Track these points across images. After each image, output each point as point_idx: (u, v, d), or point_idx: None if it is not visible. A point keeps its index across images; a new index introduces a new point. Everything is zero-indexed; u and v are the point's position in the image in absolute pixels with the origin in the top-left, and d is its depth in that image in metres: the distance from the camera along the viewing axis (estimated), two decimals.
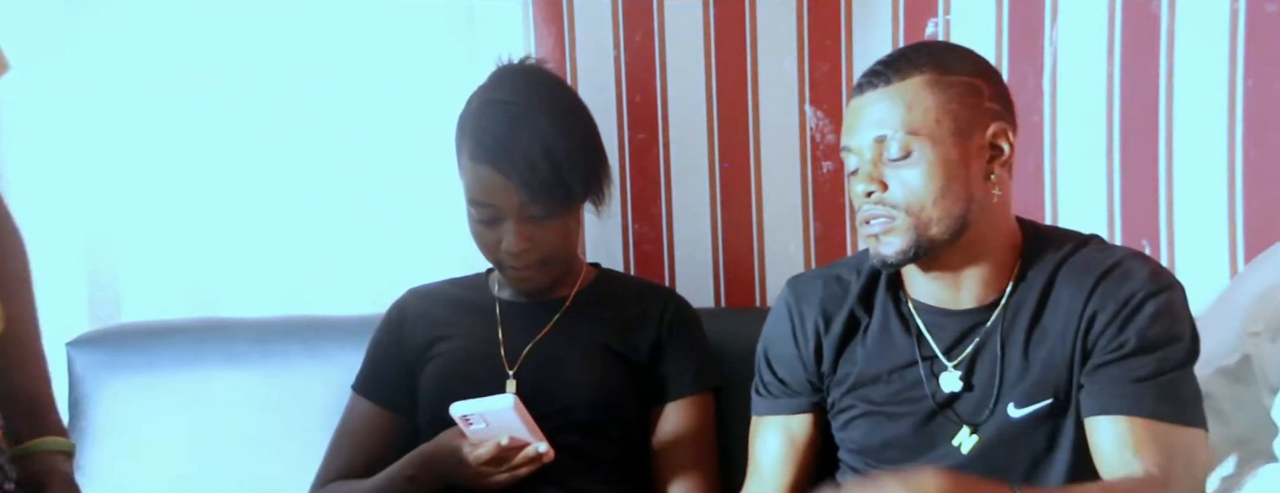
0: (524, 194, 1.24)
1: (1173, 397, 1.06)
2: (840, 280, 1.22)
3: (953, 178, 1.08)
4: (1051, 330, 1.11)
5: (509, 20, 1.60)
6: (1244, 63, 1.51)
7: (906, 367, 1.16)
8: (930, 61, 1.10)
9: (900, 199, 1.09)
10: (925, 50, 1.13)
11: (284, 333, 1.54)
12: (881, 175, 1.10)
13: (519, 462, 1.17)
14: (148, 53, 1.63)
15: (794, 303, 1.23)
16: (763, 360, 1.26)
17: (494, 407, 1.14)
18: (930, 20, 1.56)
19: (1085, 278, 1.10)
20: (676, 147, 1.61)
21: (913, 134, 1.08)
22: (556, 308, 1.37)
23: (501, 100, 1.28)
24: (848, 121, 1.14)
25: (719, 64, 1.59)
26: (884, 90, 1.10)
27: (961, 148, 1.09)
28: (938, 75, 1.09)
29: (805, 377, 1.22)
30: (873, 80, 1.11)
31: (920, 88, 1.09)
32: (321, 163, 1.64)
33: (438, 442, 1.23)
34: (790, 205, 1.61)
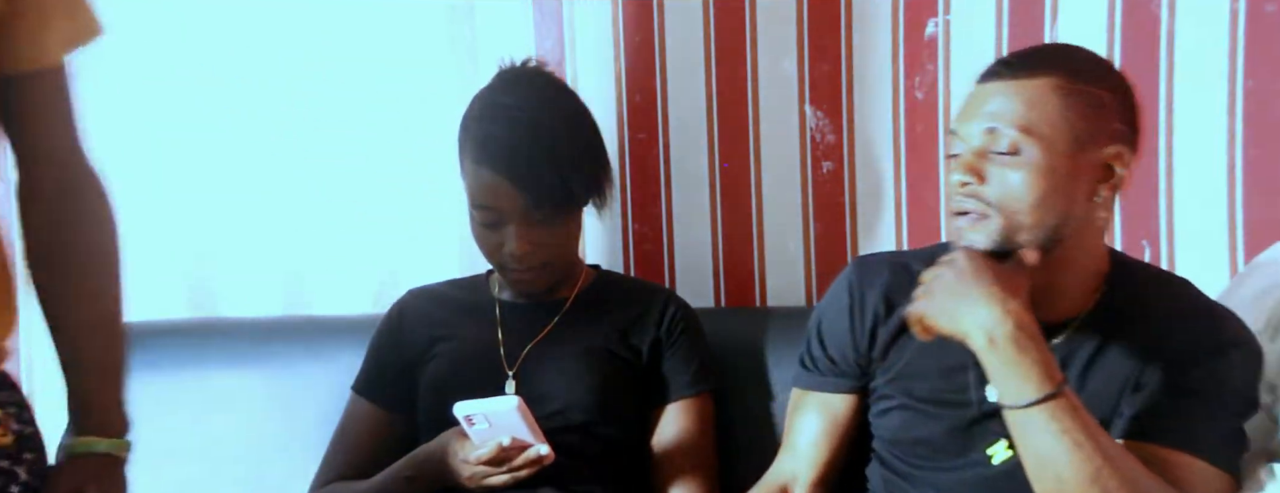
0: (528, 198, 1.24)
1: (1212, 436, 1.04)
2: (908, 270, 1.19)
3: (1055, 189, 1.04)
4: (1112, 361, 1.09)
5: (510, 20, 1.60)
6: (1244, 63, 1.51)
7: (956, 370, 1.14)
8: (1063, 65, 1.06)
9: (995, 197, 1.05)
10: (1062, 53, 1.10)
11: (284, 333, 1.54)
12: (982, 168, 1.06)
13: (520, 463, 1.17)
14: (145, 51, 1.63)
15: (857, 283, 1.21)
16: (814, 334, 1.24)
17: (498, 408, 1.14)
18: (930, 20, 1.56)
19: (1162, 317, 1.08)
20: (676, 147, 1.61)
21: (1026, 133, 1.04)
22: (556, 309, 1.37)
23: (505, 104, 1.28)
24: (964, 107, 1.10)
25: (719, 64, 1.59)
26: (1008, 83, 1.06)
27: (1073, 160, 1.04)
28: (1067, 81, 1.05)
29: (855, 358, 1.20)
30: (999, 71, 1.08)
31: (1046, 89, 1.05)
32: (321, 162, 1.64)
33: (438, 442, 1.23)
34: (790, 206, 1.61)
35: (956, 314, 1.01)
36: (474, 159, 1.27)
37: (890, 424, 1.18)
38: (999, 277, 1.02)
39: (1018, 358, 0.99)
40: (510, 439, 1.16)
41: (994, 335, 0.99)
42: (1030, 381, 0.98)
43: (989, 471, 1.12)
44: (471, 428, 1.16)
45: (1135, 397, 1.07)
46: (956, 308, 1.01)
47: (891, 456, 1.19)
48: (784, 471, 1.23)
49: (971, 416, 1.13)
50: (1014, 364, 0.99)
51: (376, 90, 1.62)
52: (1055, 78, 1.05)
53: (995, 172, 1.05)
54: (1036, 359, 0.99)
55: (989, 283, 1.00)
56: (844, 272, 1.25)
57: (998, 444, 1.12)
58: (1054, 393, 0.98)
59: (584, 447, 1.28)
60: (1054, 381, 0.99)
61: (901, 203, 1.60)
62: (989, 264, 1.03)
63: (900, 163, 1.59)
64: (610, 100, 1.60)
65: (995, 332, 0.99)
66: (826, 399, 1.22)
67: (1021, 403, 0.99)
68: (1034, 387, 0.98)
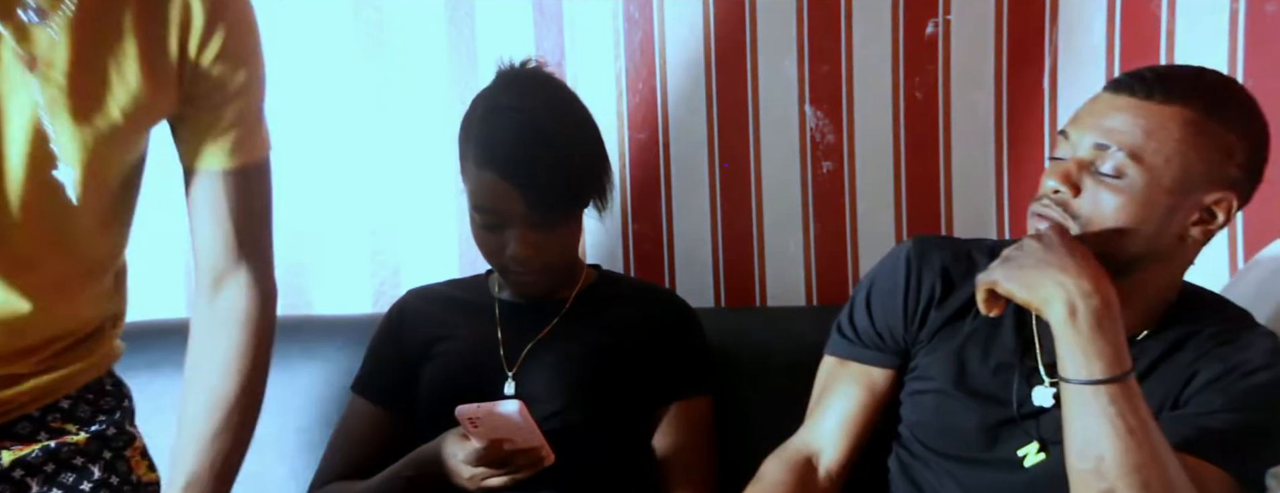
0: (529, 201, 1.24)
1: (1240, 451, 1.03)
2: (970, 257, 1.18)
3: (1145, 221, 1.02)
4: (1156, 381, 1.08)
5: (510, 20, 1.60)
6: (1244, 63, 1.51)
7: (1002, 368, 1.13)
8: (1201, 98, 1.01)
9: (1083, 213, 1.03)
10: (1205, 84, 1.03)
11: (284, 333, 1.53)
12: (1080, 181, 1.03)
13: (520, 465, 1.17)
14: None
15: (916, 260, 1.18)
16: (862, 305, 1.21)
17: (499, 410, 1.13)
18: (930, 21, 1.56)
19: (1210, 342, 1.07)
20: (676, 147, 1.61)
21: (1135, 160, 1.00)
22: (556, 309, 1.37)
23: (507, 106, 1.27)
24: (1083, 111, 1.06)
25: (719, 64, 1.59)
26: (1136, 102, 1.02)
27: (1175, 199, 1.01)
28: (1199, 116, 1.00)
29: (902, 334, 1.18)
30: (1133, 86, 1.02)
31: (1173, 120, 1.00)
32: (321, 162, 1.64)
33: (438, 442, 1.22)
34: (790, 206, 1.61)
35: (1039, 283, 0.98)
36: (475, 162, 1.27)
37: (923, 408, 1.16)
38: (1088, 257, 1.00)
39: (1094, 335, 0.97)
40: (510, 442, 1.16)
41: (1077, 307, 0.97)
42: (1100, 359, 0.97)
43: (1017, 475, 1.10)
44: (473, 431, 1.16)
45: (1172, 413, 1.06)
46: (1041, 277, 0.98)
47: (915, 442, 1.17)
48: (810, 441, 1.20)
49: (1008, 415, 1.11)
50: (1089, 340, 0.97)
51: (376, 89, 1.62)
52: (1188, 110, 1.00)
53: (1091, 187, 1.03)
54: (1112, 340, 0.97)
55: (1082, 258, 0.99)
56: (902, 246, 1.21)
57: (1029, 446, 1.10)
58: (1121, 376, 0.97)
59: (583, 447, 1.28)
60: (1123, 366, 0.98)
61: (902, 203, 1.60)
62: (1080, 246, 1.01)
63: (900, 163, 1.59)
64: (610, 100, 1.60)
65: (1079, 304, 0.97)
66: (867, 372, 1.19)
67: (1086, 379, 0.97)
68: (1103, 366, 0.97)
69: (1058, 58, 1.55)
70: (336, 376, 1.43)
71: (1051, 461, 1.09)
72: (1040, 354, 1.12)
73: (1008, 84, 1.56)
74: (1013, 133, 1.57)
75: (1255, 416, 1.04)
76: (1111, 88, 1.05)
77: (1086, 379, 0.97)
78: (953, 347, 1.15)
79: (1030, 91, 1.56)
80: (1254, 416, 1.04)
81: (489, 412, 1.13)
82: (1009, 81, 1.56)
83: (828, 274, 1.63)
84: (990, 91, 1.57)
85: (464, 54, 1.60)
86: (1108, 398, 0.96)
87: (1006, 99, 1.56)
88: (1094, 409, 0.97)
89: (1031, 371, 1.12)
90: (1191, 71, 1.05)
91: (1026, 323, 1.14)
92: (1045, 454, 1.10)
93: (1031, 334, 1.13)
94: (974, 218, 1.59)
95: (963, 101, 1.57)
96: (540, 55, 1.59)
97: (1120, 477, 0.95)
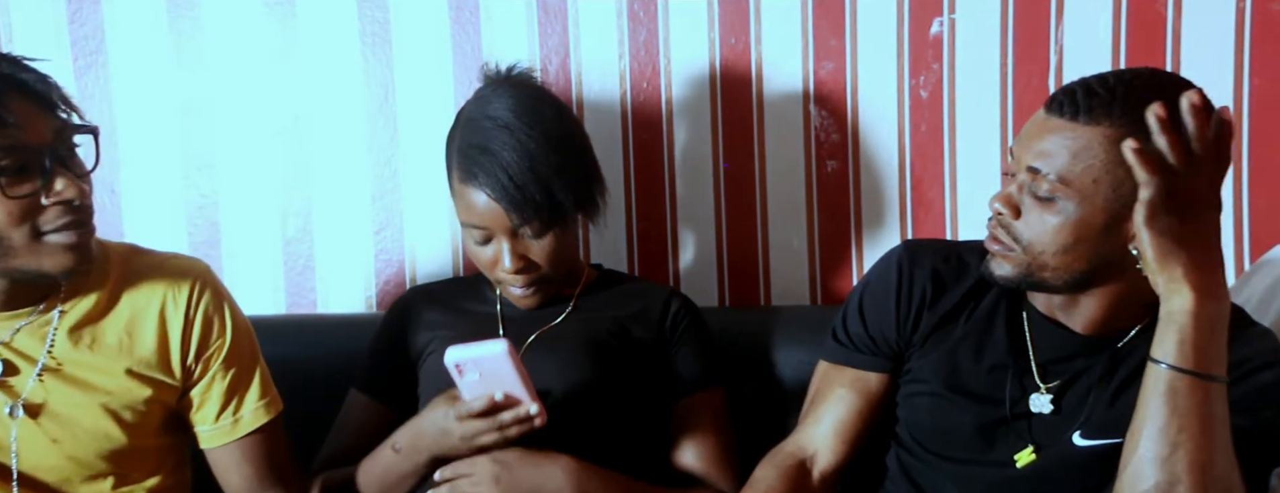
0: (515, 217, 1.24)
1: (1245, 450, 1.02)
2: (960, 260, 1.18)
3: (1083, 239, 1.02)
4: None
5: (514, 18, 1.59)
6: (1250, 62, 1.51)
7: (997, 368, 1.13)
8: (1126, 118, 0.99)
9: (1024, 236, 1.04)
10: (1134, 99, 0.99)
11: (288, 331, 1.54)
12: (1020, 202, 1.05)
13: (509, 420, 1.15)
14: (153, 48, 1.63)
15: (908, 264, 1.19)
16: (855, 310, 1.22)
17: (486, 352, 1.12)
18: (936, 19, 1.55)
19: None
20: (680, 145, 1.61)
21: (1064, 184, 1.01)
22: (559, 309, 1.36)
23: (488, 118, 1.26)
24: (1024, 131, 1.07)
25: (723, 62, 1.58)
26: (1064, 123, 1.01)
27: (1110, 215, 1.01)
28: (1125, 134, 0.98)
29: (895, 339, 1.18)
30: (1063, 106, 1.02)
31: (1099, 141, 0.99)
32: (323, 161, 1.64)
33: (427, 409, 1.22)
34: (794, 204, 1.61)
35: (1184, 261, 0.96)
36: (460, 179, 1.26)
37: (918, 410, 1.16)
38: (1222, 258, 0.99)
39: (1213, 333, 0.97)
40: (502, 394, 1.15)
41: (1210, 303, 0.96)
42: (1209, 356, 0.96)
43: (1012, 473, 1.11)
44: (461, 379, 1.14)
45: None
46: (1194, 256, 0.96)
47: (913, 442, 1.17)
48: (804, 444, 1.21)
49: (1000, 415, 1.12)
50: (1208, 335, 0.96)
51: (380, 87, 1.62)
52: (1113, 129, 0.99)
53: (1031, 209, 1.04)
54: (1223, 347, 0.98)
55: (1221, 257, 0.98)
56: (893, 250, 1.22)
57: (1024, 450, 1.11)
58: (1221, 379, 0.97)
59: (589, 441, 1.27)
60: (1223, 370, 0.97)
61: (906, 202, 1.60)
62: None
63: (905, 162, 1.59)
64: (614, 99, 1.60)
65: (1213, 302, 0.96)
66: (861, 376, 1.20)
67: (1195, 371, 0.96)
68: (1209, 363, 0.96)
69: (1063, 57, 1.55)
70: (339, 374, 1.43)
71: (1044, 460, 1.10)
72: (1033, 354, 1.12)
73: (1014, 83, 1.56)
74: (1018, 132, 1.56)
75: (1261, 415, 1.04)
76: (1046, 106, 1.05)
77: (1191, 370, 0.96)
78: (946, 348, 1.16)
79: (1036, 90, 1.56)
80: (1260, 416, 1.04)
81: (476, 354, 1.12)
82: (1015, 80, 1.56)
83: (832, 273, 1.63)
84: (996, 90, 1.56)
85: (468, 52, 1.60)
86: (1204, 394, 0.96)
87: (1012, 98, 1.56)
88: (1186, 402, 0.96)
89: (1024, 371, 1.12)
90: (1123, 83, 1.01)
91: (1019, 323, 1.14)
92: (1037, 456, 1.10)
93: (1024, 335, 1.14)
94: (978, 218, 1.58)
95: (968, 100, 1.57)
96: (544, 54, 1.59)
97: (1188, 472, 0.95)
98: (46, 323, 1.15)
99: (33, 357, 1.14)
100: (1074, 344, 1.11)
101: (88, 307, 1.16)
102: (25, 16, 1.62)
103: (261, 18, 1.61)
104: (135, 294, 1.18)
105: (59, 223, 1.07)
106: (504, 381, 1.14)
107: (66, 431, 1.15)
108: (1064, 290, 1.07)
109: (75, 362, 1.15)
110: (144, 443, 1.19)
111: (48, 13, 1.61)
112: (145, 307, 1.18)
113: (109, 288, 1.18)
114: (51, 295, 1.15)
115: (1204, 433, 0.96)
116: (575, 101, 1.60)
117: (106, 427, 1.16)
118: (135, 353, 1.17)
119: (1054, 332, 1.12)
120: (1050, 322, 1.13)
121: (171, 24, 1.62)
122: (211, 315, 1.20)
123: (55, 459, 1.15)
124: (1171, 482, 0.95)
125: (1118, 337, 1.11)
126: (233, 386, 1.21)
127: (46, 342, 1.14)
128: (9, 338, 1.14)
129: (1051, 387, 1.11)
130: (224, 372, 1.21)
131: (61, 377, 1.15)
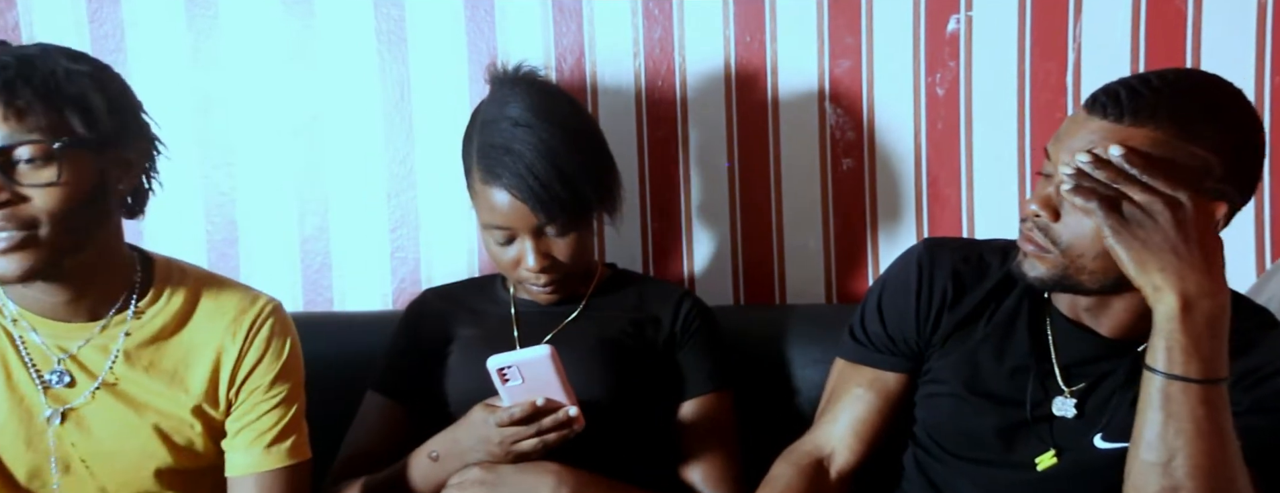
0: (540, 216, 1.24)
1: (1269, 451, 1.02)
2: (981, 261, 1.17)
3: None
4: None
5: (529, 17, 1.59)
6: (1271, 59, 1.49)
7: (1017, 371, 1.12)
8: (1175, 117, 0.97)
9: (1064, 239, 1.02)
10: (1182, 99, 0.99)
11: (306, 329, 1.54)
12: (1058, 205, 1.02)
13: (548, 425, 1.15)
14: (172, 48, 1.64)
15: (928, 264, 1.18)
16: (873, 309, 1.21)
17: (530, 356, 1.12)
18: (952, 17, 1.55)
19: (1232, 344, 1.03)
20: (695, 144, 1.61)
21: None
22: (571, 307, 1.37)
23: (506, 118, 1.26)
24: (1062, 130, 1.04)
25: (738, 60, 1.58)
26: (1107, 125, 0.99)
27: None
28: (1169, 137, 0.97)
29: (914, 339, 1.18)
30: (1105, 107, 1.00)
31: (1142, 143, 0.97)
32: (340, 160, 1.65)
33: (466, 417, 1.22)
34: (810, 202, 1.60)
35: (1160, 265, 0.95)
36: (482, 180, 1.27)
37: (937, 411, 1.16)
38: (1216, 251, 0.97)
39: (1204, 334, 0.95)
40: (543, 400, 1.15)
41: (1195, 304, 0.94)
42: (1201, 359, 0.95)
43: (1031, 476, 1.10)
44: (504, 385, 1.15)
45: None
46: (1167, 259, 0.95)
47: (932, 442, 1.17)
48: (821, 443, 1.20)
49: (1021, 418, 1.11)
50: (1197, 339, 0.94)
51: (396, 85, 1.62)
52: (1157, 132, 0.97)
53: (1071, 212, 1.02)
54: (1219, 345, 0.96)
55: (1210, 252, 0.95)
56: (912, 249, 1.21)
57: (1046, 454, 1.10)
58: (1218, 381, 0.95)
59: (602, 439, 1.27)
60: (1220, 372, 0.96)
61: (922, 200, 1.59)
62: (1214, 237, 0.97)
63: (921, 160, 1.58)
64: (629, 97, 1.60)
65: (1199, 302, 0.94)
66: (879, 375, 1.19)
67: (1181, 375, 0.95)
68: (1203, 366, 0.95)
69: (1082, 54, 1.54)
70: (357, 371, 1.43)
71: (1065, 463, 1.09)
72: (1056, 356, 1.11)
73: (1031, 81, 1.55)
74: (1036, 131, 1.55)
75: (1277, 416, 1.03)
76: (1087, 106, 1.03)
77: (1181, 376, 0.95)
78: (966, 349, 1.15)
79: (1054, 88, 1.55)
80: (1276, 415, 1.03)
81: (520, 359, 1.12)
82: (1032, 78, 1.55)
83: (847, 272, 1.62)
84: (1013, 88, 1.55)
85: (483, 51, 1.60)
86: (1198, 399, 0.95)
87: (1030, 96, 1.55)
88: (1181, 408, 0.95)
89: (1047, 374, 1.11)
90: (1167, 84, 1.00)
91: (1041, 325, 1.13)
92: (1058, 459, 1.09)
93: (1046, 337, 1.12)
94: (995, 217, 1.58)
95: (985, 98, 1.56)
96: (559, 52, 1.59)
97: (1189, 477, 0.94)
98: (112, 340, 1.15)
99: (94, 372, 1.15)
100: (1098, 347, 1.10)
101: (154, 329, 1.17)
102: (46, 15, 1.63)
103: (279, 16, 1.62)
104: (199, 323, 1.19)
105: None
106: (546, 385, 1.14)
107: (113, 448, 1.16)
108: (1096, 293, 1.06)
109: (132, 381, 1.16)
110: (190, 464, 1.19)
111: (68, 12, 1.63)
112: (206, 337, 1.19)
113: (178, 313, 1.19)
114: (121, 312, 1.16)
115: (1202, 437, 0.94)
116: (590, 100, 1.60)
117: (155, 447, 1.16)
118: (188, 381, 1.18)
119: (1078, 335, 1.11)
120: (1074, 325, 1.11)
121: (190, 23, 1.63)
122: (265, 348, 1.20)
123: (102, 480, 1.16)
124: (1173, 487, 0.95)
125: (1142, 340, 1.09)
126: (269, 418, 1.20)
127: (109, 358, 1.15)
128: (76, 351, 1.15)
129: (1075, 390, 1.10)
130: (265, 401, 1.20)
131: (117, 394, 1.16)
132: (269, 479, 1.18)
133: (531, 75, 1.34)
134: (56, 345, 1.14)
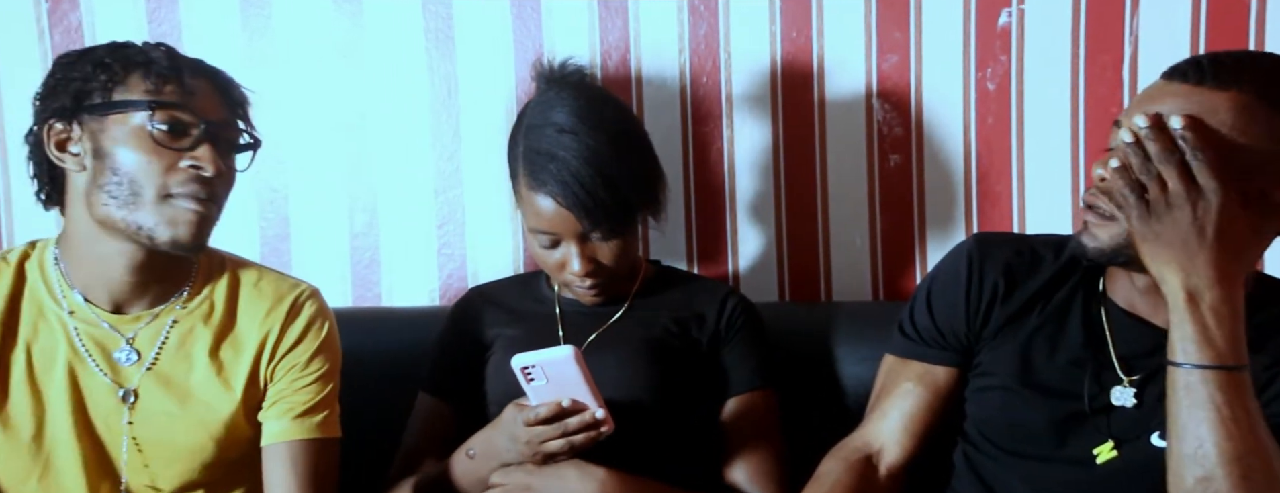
0: (585, 222, 1.25)
1: None
2: (1034, 254, 1.16)
3: None
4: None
5: (574, 12, 1.60)
6: None
7: (1072, 363, 1.11)
8: (1257, 83, 0.96)
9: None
10: (1261, 68, 0.98)
11: (353, 324, 1.56)
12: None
13: (575, 427, 1.15)
14: (221, 43, 1.67)
15: (978, 258, 1.17)
16: (923, 302, 1.20)
17: (553, 356, 1.13)
18: (1004, 10, 1.52)
19: (1269, 332, 1.04)
20: (740, 139, 1.60)
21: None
22: (616, 306, 1.37)
23: (552, 124, 1.26)
24: (1136, 100, 1.03)
25: (785, 56, 1.57)
26: (1188, 87, 0.98)
27: (1236, 187, 0.95)
28: (1253, 100, 0.95)
29: (964, 333, 1.17)
30: (1185, 73, 0.99)
31: (1229, 105, 0.96)
32: (388, 157, 1.66)
33: (499, 418, 1.23)
34: (856, 199, 1.59)
35: (1167, 257, 0.95)
36: (528, 186, 1.27)
37: (989, 404, 1.14)
38: (1236, 245, 0.96)
39: (1212, 324, 0.95)
40: (570, 401, 1.15)
41: (1200, 295, 0.95)
42: (1212, 347, 0.95)
43: (1089, 473, 1.08)
44: (529, 384, 1.15)
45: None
46: (1176, 251, 0.95)
47: (982, 438, 1.15)
48: (870, 439, 1.20)
49: (1079, 409, 1.09)
50: (1205, 328, 0.95)
51: (443, 83, 1.64)
52: (1241, 94, 0.96)
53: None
54: (1230, 331, 0.95)
55: (1219, 247, 0.95)
56: (963, 243, 1.21)
57: (1105, 444, 1.08)
58: (1234, 368, 0.95)
59: (646, 438, 1.28)
60: (1239, 358, 0.95)
61: (972, 197, 1.57)
62: (1239, 227, 0.96)
63: (971, 156, 1.56)
64: (674, 93, 1.59)
65: (1202, 293, 0.95)
66: (929, 370, 1.18)
67: (1195, 363, 0.95)
68: (1215, 353, 0.95)
69: (1138, 47, 1.50)
70: (406, 367, 1.45)
71: (1123, 458, 1.07)
72: (1113, 348, 1.09)
73: (1085, 75, 1.51)
74: (1090, 126, 1.52)
75: None
76: (1166, 75, 1.02)
77: (1196, 364, 0.95)
78: (1018, 343, 1.13)
79: (1109, 82, 1.51)
80: None
81: (543, 359, 1.13)
82: (1086, 72, 1.51)
83: (894, 269, 1.60)
84: (1066, 83, 1.52)
85: (529, 48, 1.61)
86: (1214, 386, 0.95)
87: (1084, 90, 1.51)
88: (1199, 396, 0.95)
89: (1104, 366, 1.10)
90: (1250, 56, 1.01)
91: (1095, 317, 1.11)
92: (1118, 452, 1.07)
93: (1102, 328, 1.11)
94: (1047, 213, 1.55)
95: (1037, 93, 1.52)
96: (605, 48, 1.59)
97: (1220, 465, 0.94)
98: (162, 326, 1.21)
99: (145, 359, 1.20)
100: (1156, 338, 1.08)
101: (200, 316, 1.22)
102: (107, 15, 1.67)
103: (330, 16, 1.64)
104: (243, 308, 1.24)
105: (185, 189, 1.14)
106: (571, 386, 1.15)
107: (162, 434, 1.20)
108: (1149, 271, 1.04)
109: (178, 369, 1.21)
110: (233, 454, 1.23)
111: (128, 12, 1.67)
112: (248, 322, 1.23)
113: (225, 302, 1.24)
114: (173, 298, 1.22)
115: (1225, 424, 0.94)
116: (635, 96, 1.60)
117: (200, 434, 1.21)
118: (232, 366, 1.22)
119: (1134, 326, 1.09)
120: (1130, 316, 1.10)
121: (244, 23, 1.66)
122: (306, 328, 1.25)
123: (153, 465, 1.21)
124: (1206, 477, 0.94)
125: None
126: (305, 394, 1.24)
127: (156, 344, 1.20)
128: (134, 335, 1.20)
129: (1134, 380, 1.09)
130: (301, 376, 1.24)
131: (162, 380, 1.20)
132: (298, 449, 1.22)
133: (578, 76, 1.34)
134: (116, 331, 1.20)
